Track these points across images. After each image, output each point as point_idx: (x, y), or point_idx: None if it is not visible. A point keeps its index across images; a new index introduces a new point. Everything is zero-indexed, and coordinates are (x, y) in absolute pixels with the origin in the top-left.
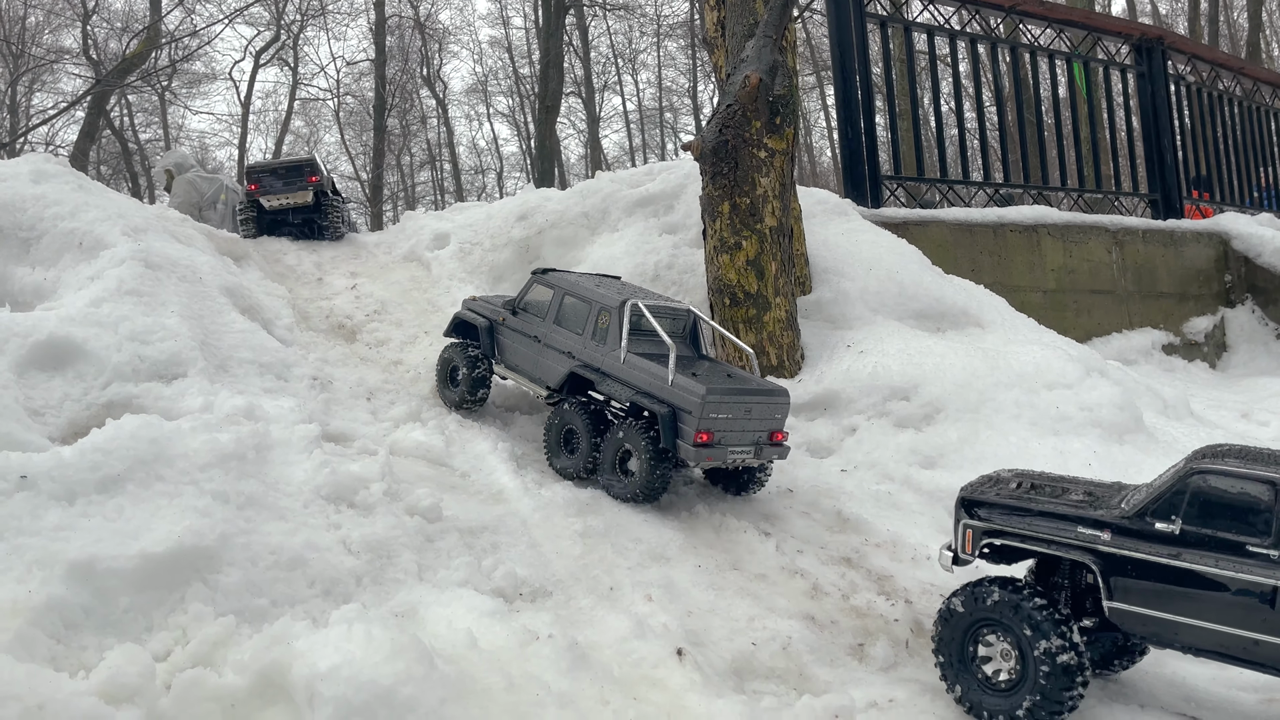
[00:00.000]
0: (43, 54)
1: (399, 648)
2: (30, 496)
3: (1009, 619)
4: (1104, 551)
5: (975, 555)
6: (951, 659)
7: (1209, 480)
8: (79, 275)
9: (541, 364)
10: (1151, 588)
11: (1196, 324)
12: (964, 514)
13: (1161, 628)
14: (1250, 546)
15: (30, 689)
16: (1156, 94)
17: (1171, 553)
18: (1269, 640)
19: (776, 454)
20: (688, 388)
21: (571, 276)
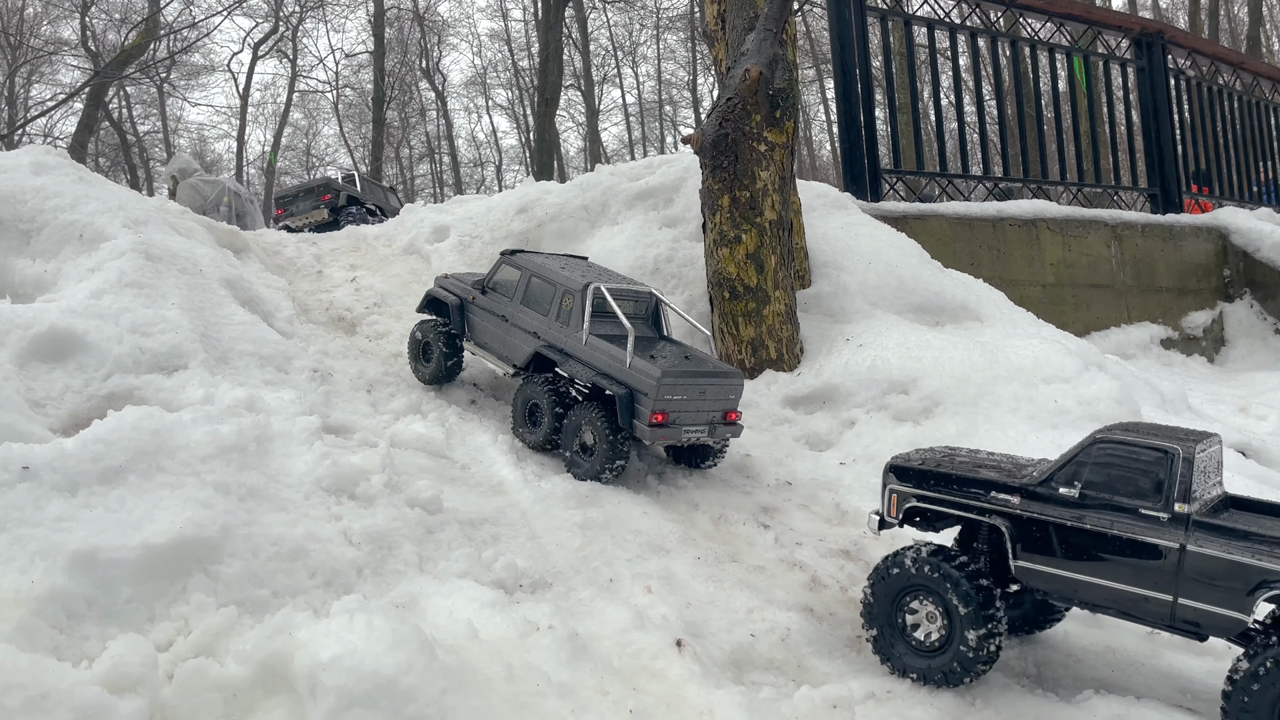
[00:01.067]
0: (41, 45)
1: (400, 638)
2: (32, 487)
3: (934, 583)
4: (1013, 514)
5: (899, 519)
6: (880, 622)
7: (1108, 449)
8: (80, 267)
9: (509, 343)
10: (1054, 547)
11: (1195, 318)
12: (890, 480)
13: (1063, 584)
14: (1142, 509)
15: (34, 678)
16: (1156, 88)
17: (1072, 515)
18: (1156, 596)
19: (730, 433)
20: (645, 370)
21: (538, 258)
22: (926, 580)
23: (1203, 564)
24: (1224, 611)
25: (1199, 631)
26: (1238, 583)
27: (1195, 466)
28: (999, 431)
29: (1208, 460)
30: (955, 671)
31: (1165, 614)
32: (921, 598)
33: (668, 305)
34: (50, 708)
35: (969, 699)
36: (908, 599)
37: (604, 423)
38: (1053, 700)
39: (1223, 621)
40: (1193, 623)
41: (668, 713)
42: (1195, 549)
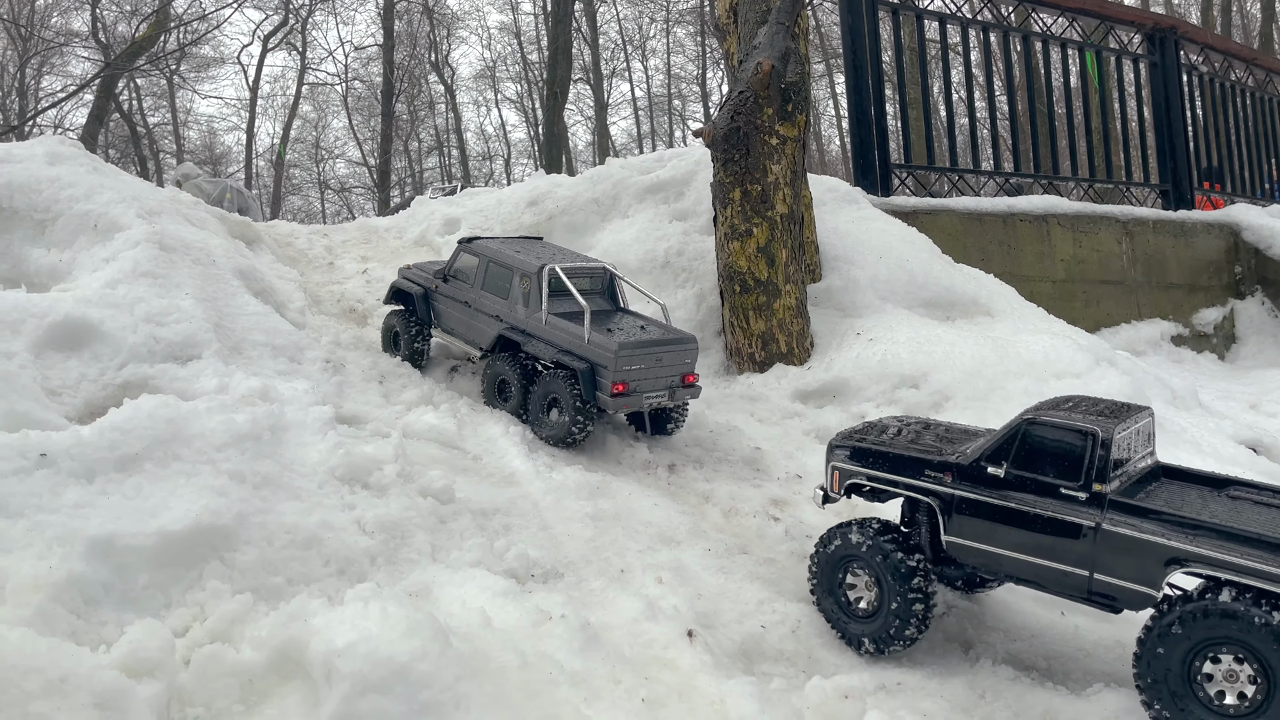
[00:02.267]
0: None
1: (414, 625)
2: (50, 474)
3: (867, 555)
4: (944, 492)
5: (842, 494)
6: (823, 589)
7: (1035, 429)
8: (94, 257)
9: (474, 327)
10: (981, 524)
11: (1206, 315)
12: (833, 456)
13: (989, 559)
14: (1062, 489)
15: (52, 662)
16: (1169, 84)
17: (997, 494)
18: (1074, 571)
19: (689, 394)
20: (602, 344)
21: (494, 244)
22: (861, 552)
23: (1116, 541)
24: (1135, 586)
25: (1113, 605)
26: (1148, 559)
27: (1115, 446)
28: None
29: (1133, 436)
30: (885, 637)
31: (1083, 588)
32: (858, 568)
33: (621, 279)
34: (69, 691)
35: (979, 690)
36: (847, 569)
37: (569, 393)
38: (1063, 693)
39: (1134, 595)
40: (1107, 596)
41: (679, 702)
42: (1110, 528)
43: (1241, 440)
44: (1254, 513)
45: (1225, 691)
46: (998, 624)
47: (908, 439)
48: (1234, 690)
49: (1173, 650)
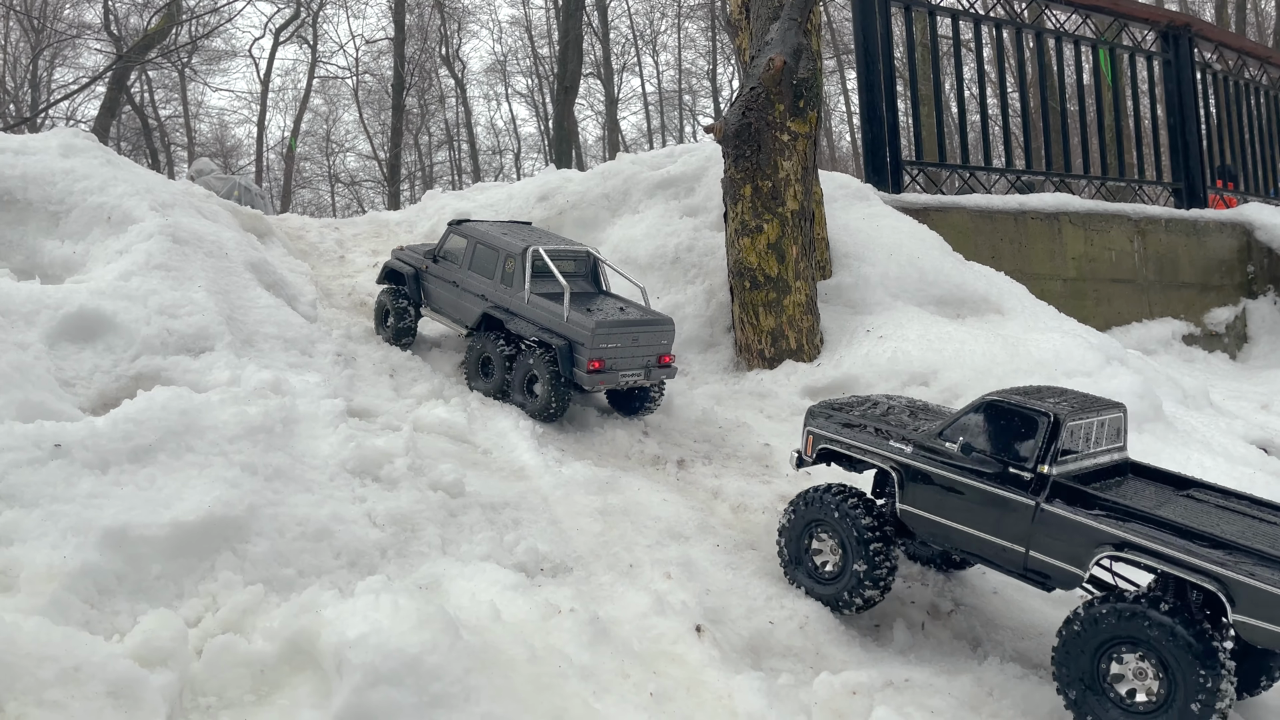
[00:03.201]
0: (64, 29)
1: (425, 618)
2: (64, 465)
3: (833, 520)
4: (903, 463)
5: (813, 458)
6: (791, 550)
7: (993, 409)
8: (108, 249)
9: (461, 306)
10: (933, 496)
11: (1218, 315)
12: (809, 422)
13: (938, 529)
14: (1011, 468)
15: (66, 651)
16: (1182, 82)
17: (951, 467)
18: (1012, 547)
19: (665, 374)
20: (580, 323)
21: (482, 226)
22: (828, 517)
23: (1052, 522)
24: (1066, 566)
25: (1046, 583)
26: (1078, 541)
27: (1066, 433)
28: None
29: (1095, 428)
30: (844, 599)
31: (1019, 564)
32: (824, 532)
33: (605, 263)
34: (83, 680)
35: (986, 688)
36: (814, 532)
37: (548, 370)
38: None
39: (1064, 575)
40: (1041, 573)
41: (687, 696)
42: (1048, 508)
43: (1253, 440)
44: (1199, 511)
45: (1134, 689)
46: (1006, 622)
47: (882, 411)
48: (1140, 688)
49: (1084, 646)
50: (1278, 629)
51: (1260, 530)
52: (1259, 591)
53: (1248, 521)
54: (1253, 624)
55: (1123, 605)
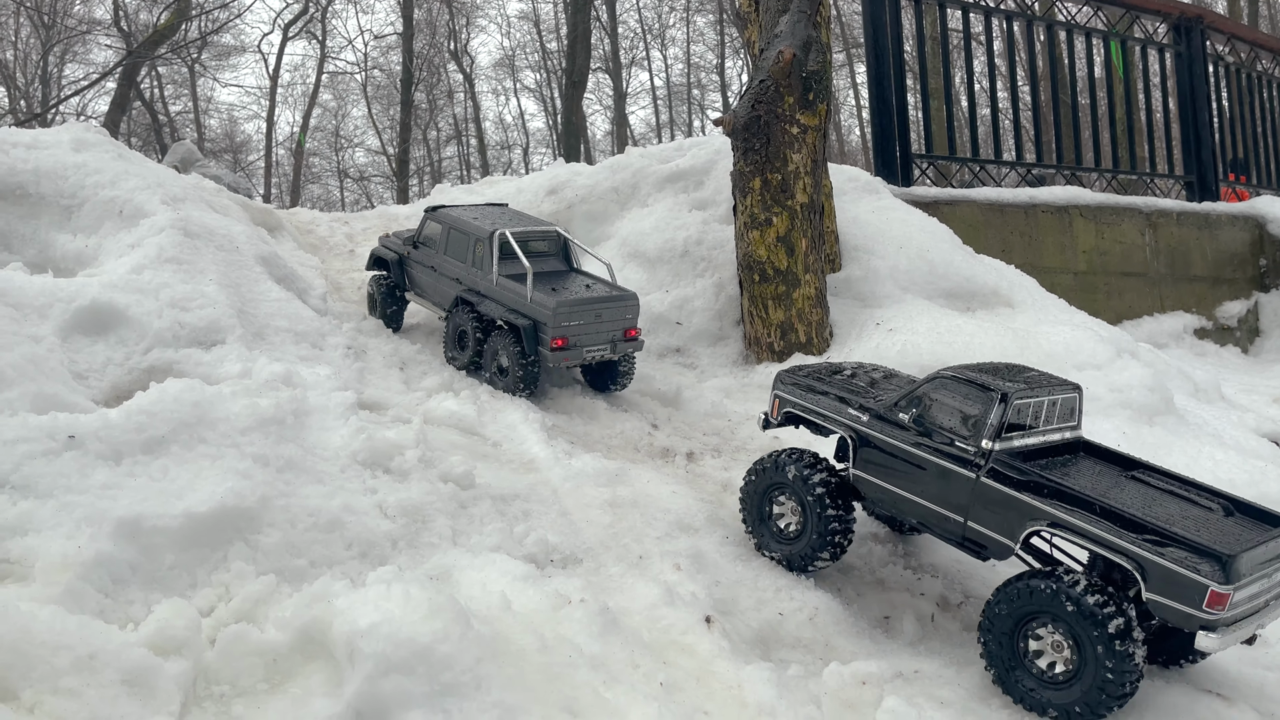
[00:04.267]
0: (75, 25)
1: (436, 607)
2: (78, 456)
3: (792, 483)
4: (859, 430)
5: (779, 420)
6: (752, 512)
7: (945, 384)
8: (119, 243)
9: (439, 290)
10: (883, 463)
11: (1229, 308)
12: (777, 386)
13: (885, 495)
14: (957, 440)
15: (81, 639)
16: (1194, 74)
17: (903, 437)
18: (952, 517)
19: (631, 347)
20: (542, 303)
21: (455, 211)
22: (786, 480)
23: (990, 494)
24: (999, 538)
25: (982, 552)
26: (1011, 514)
27: (1013, 409)
28: None
29: (1046, 406)
30: (804, 556)
31: (958, 533)
32: (784, 494)
33: (575, 242)
34: (98, 668)
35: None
36: (774, 494)
37: (515, 348)
38: None
39: (998, 546)
40: (977, 543)
41: (697, 686)
42: (986, 480)
43: (1264, 433)
44: (1137, 493)
45: (1051, 661)
46: None
47: (848, 379)
48: (1056, 659)
49: (1004, 620)
50: (1182, 607)
51: (1190, 513)
52: (1167, 570)
53: (1182, 505)
54: (1161, 601)
55: (1038, 582)
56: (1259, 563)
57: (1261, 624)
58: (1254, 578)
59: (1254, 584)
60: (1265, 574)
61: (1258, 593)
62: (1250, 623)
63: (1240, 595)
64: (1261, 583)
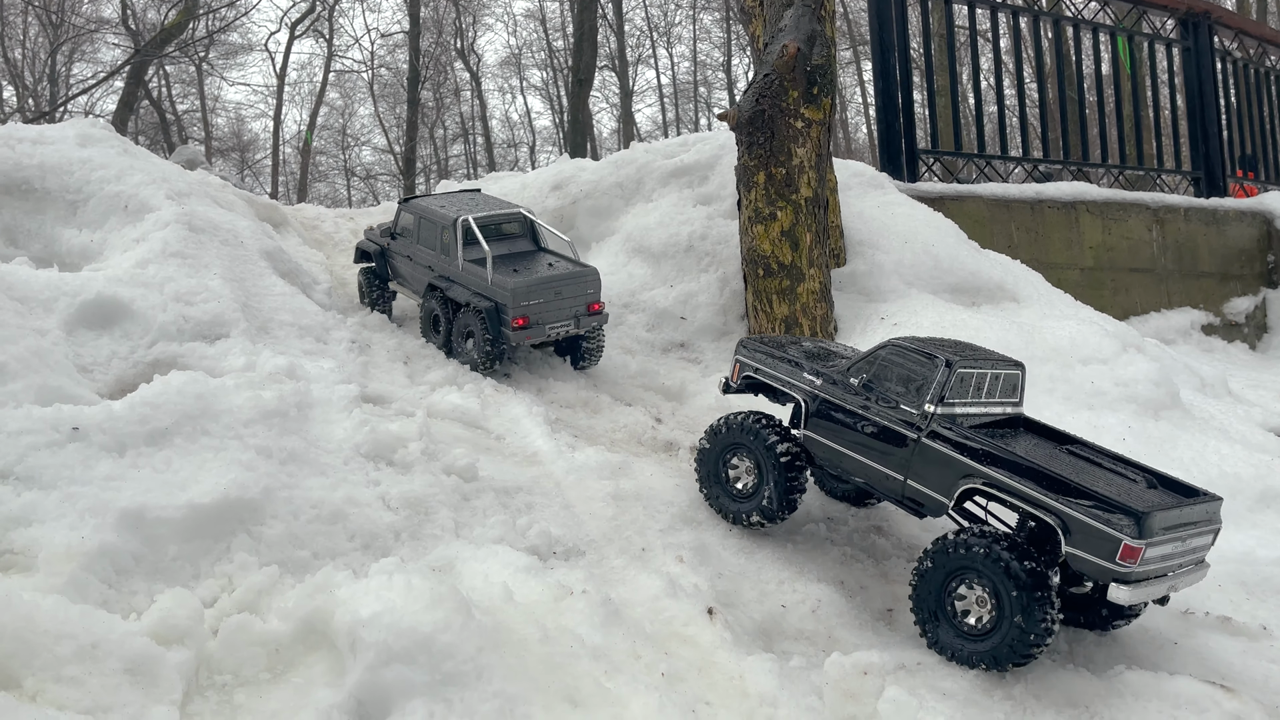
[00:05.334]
0: (82, 23)
1: (438, 597)
2: (82, 447)
3: (749, 443)
4: (810, 392)
5: (738, 385)
6: (709, 471)
7: (894, 351)
8: (124, 237)
9: (415, 277)
10: (832, 424)
11: (1237, 304)
12: (739, 352)
13: (832, 455)
14: (902, 405)
15: (84, 628)
16: (1202, 70)
17: (852, 400)
18: (894, 476)
19: (596, 321)
20: (502, 285)
21: (425, 201)
22: (743, 440)
23: (929, 455)
24: (935, 495)
25: (920, 510)
26: (947, 473)
27: (955, 378)
28: (1034, 412)
29: (989, 380)
30: (756, 513)
31: (898, 491)
32: (741, 454)
33: (540, 223)
34: (100, 656)
35: (999, 672)
36: (730, 454)
37: (479, 329)
38: (1084, 674)
39: (934, 503)
40: (915, 501)
41: (699, 677)
42: (927, 442)
43: (1270, 428)
44: (1065, 460)
45: (976, 615)
46: None
47: (807, 349)
48: (979, 614)
49: (933, 577)
50: (1098, 560)
51: (1114, 481)
52: (1084, 524)
53: (1108, 475)
54: (1079, 554)
55: (964, 539)
56: (1171, 525)
57: (1174, 586)
58: (1166, 539)
59: (1166, 545)
60: (1178, 538)
61: (1170, 554)
62: (1163, 582)
63: (1152, 553)
64: (1174, 545)
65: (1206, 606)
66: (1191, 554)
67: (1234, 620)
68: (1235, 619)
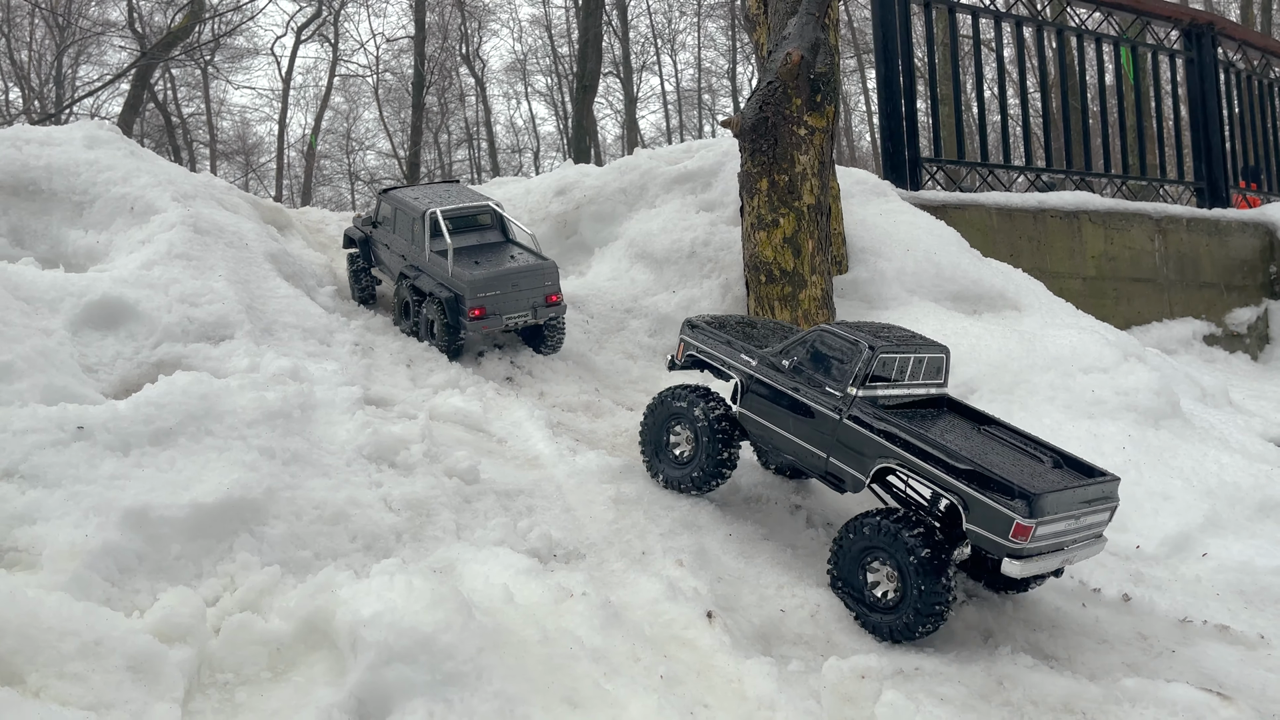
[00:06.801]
0: (89, 26)
1: (439, 598)
2: (87, 446)
3: (688, 415)
4: (747, 373)
5: (683, 363)
6: (651, 441)
7: (822, 336)
8: (130, 239)
9: (391, 265)
10: (764, 403)
11: (1239, 315)
12: (684, 331)
13: (764, 431)
14: (827, 386)
15: (88, 625)
16: (1205, 81)
17: (782, 381)
18: (818, 453)
19: (553, 312)
20: (462, 276)
21: (401, 192)
22: (683, 412)
23: (848, 434)
24: (854, 472)
25: (841, 486)
26: (865, 451)
27: (878, 362)
28: (1034, 420)
29: (913, 363)
30: (692, 479)
31: (821, 468)
32: (682, 424)
33: (508, 217)
34: (103, 653)
35: (996, 677)
36: (672, 424)
37: (440, 318)
38: (1081, 680)
39: (853, 480)
40: (836, 477)
41: (698, 680)
42: (847, 422)
43: (1270, 438)
44: (979, 440)
45: (884, 590)
46: (1018, 614)
47: (747, 329)
48: (887, 588)
49: (847, 553)
50: (993, 536)
51: (1021, 461)
52: (982, 504)
53: (1017, 454)
54: (978, 531)
55: (873, 519)
56: (1065, 504)
57: (1068, 560)
58: (1059, 516)
59: (1059, 522)
60: (1072, 515)
61: (1064, 531)
62: (1056, 557)
63: (1044, 530)
64: (1068, 522)
65: (1205, 615)
66: (1087, 530)
67: (1232, 629)
68: (1233, 628)
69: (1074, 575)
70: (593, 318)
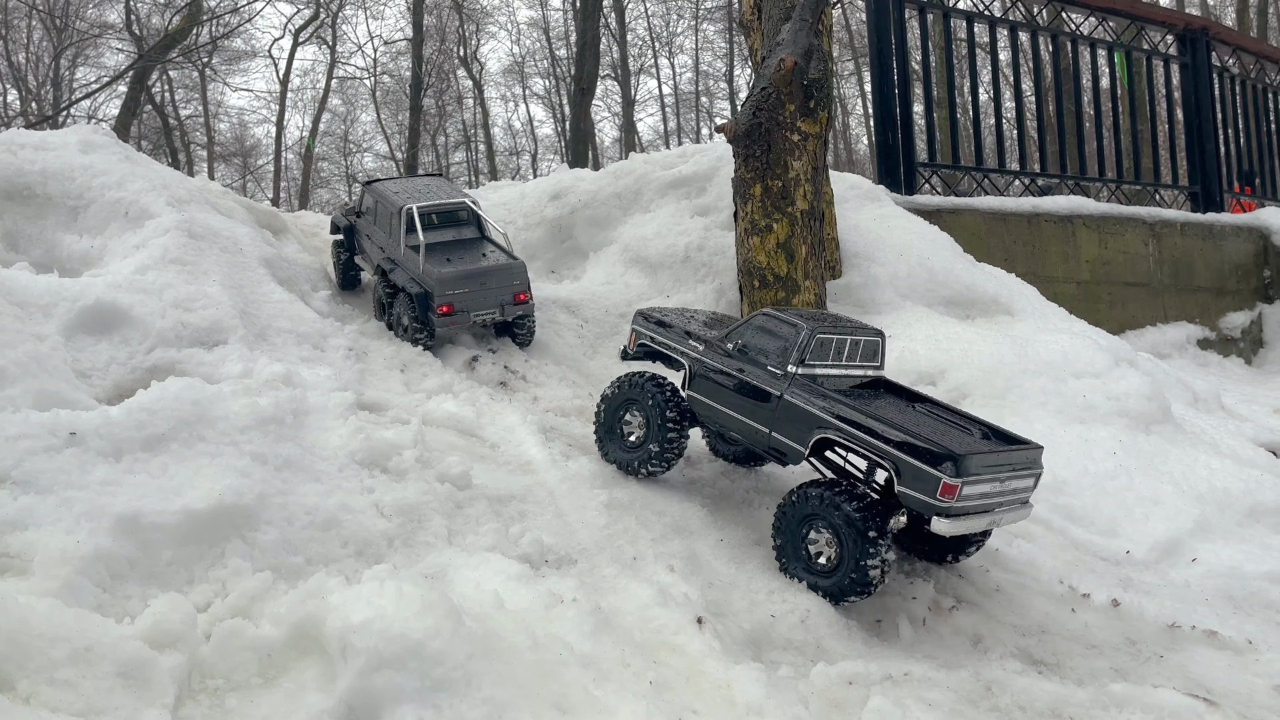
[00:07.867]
0: (86, 28)
1: (429, 604)
2: (79, 452)
3: (640, 400)
4: (694, 358)
5: (634, 351)
6: (604, 425)
7: (763, 320)
8: (124, 243)
9: (372, 256)
10: (710, 385)
11: (1233, 319)
12: (635, 321)
13: (711, 412)
14: (769, 366)
15: (78, 632)
16: (1199, 85)
17: (727, 363)
18: (761, 429)
19: (521, 309)
20: (431, 274)
21: (382, 185)
22: (637, 397)
23: (789, 409)
24: (794, 445)
25: (783, 459)
26: (803, 425)
27: (815, 343)
28: (1026, 425)
29: (850, 345)
30: (640, 462)
31: (764, 443)
32: (634, 409)
33: (484, 215)
34: (94, 660)
35: (985, 682)
36: (624, 411)
37: (410, 313)
38: (1069, 685)
39: (794, 452)
40: (779, 450)
41: (687, 685)
42: (788, 398)
43: (1262, 443)
44: (911, 415)
45: (822, 554)
46: (1007, 619)
47: (697, 319)
48: (826, 553)
49: (789, 521)
50: (923, 496)
51: (950, 432)
52: (911, 466)
53: (947, 426)
54: (909, 493)
55: (813, 489)
56: (989, 466)
57: (996, 521)
58: (984, 478)
59: (985, 484)
60: (997, 478)
61: (990, 493)
62: (984, 518)
63: (970, 490)
64: (993, 484)
65: (1193, 620)
66: (1013, 494)
67: (1220, 634)
68: (1222, 633)
69: (1063, 580)
70: (587, 322)
